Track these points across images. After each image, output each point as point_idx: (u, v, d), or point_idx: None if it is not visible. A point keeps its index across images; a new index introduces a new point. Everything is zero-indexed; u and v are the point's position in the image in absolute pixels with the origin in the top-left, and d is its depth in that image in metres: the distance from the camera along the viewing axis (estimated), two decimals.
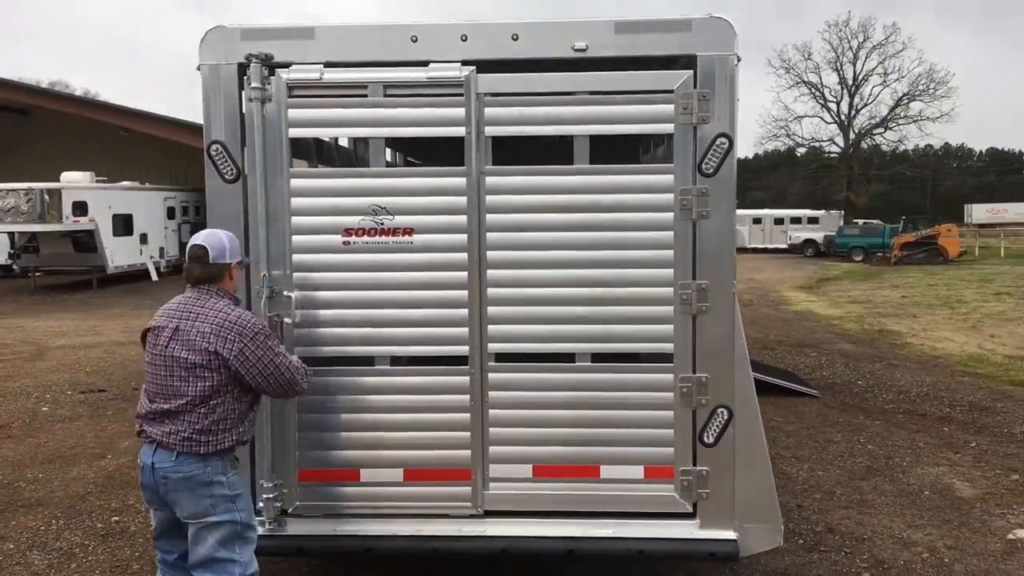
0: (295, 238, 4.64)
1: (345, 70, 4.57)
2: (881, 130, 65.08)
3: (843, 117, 65.41)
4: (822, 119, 66.12)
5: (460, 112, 4.55)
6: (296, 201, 4.63)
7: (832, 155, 67.76)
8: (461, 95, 4.53)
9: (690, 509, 4.66)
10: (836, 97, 65.38)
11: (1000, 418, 9.56)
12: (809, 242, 48.06)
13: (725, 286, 4.55)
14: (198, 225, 34.65)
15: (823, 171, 67.90)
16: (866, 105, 64.87)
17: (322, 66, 4.54)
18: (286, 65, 4.56)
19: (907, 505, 6.70)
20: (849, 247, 45.10)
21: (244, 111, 4.57)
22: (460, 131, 4.57)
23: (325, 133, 5.07)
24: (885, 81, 63.37)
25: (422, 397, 4.72)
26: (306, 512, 4.75)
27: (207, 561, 3.87)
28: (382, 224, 4.63)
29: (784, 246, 49.25)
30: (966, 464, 7.80)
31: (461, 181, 4.59)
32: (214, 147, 4.59)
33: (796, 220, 50.63)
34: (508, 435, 4.71)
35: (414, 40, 4.53)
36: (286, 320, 4.60)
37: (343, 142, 6.51)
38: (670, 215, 4.53)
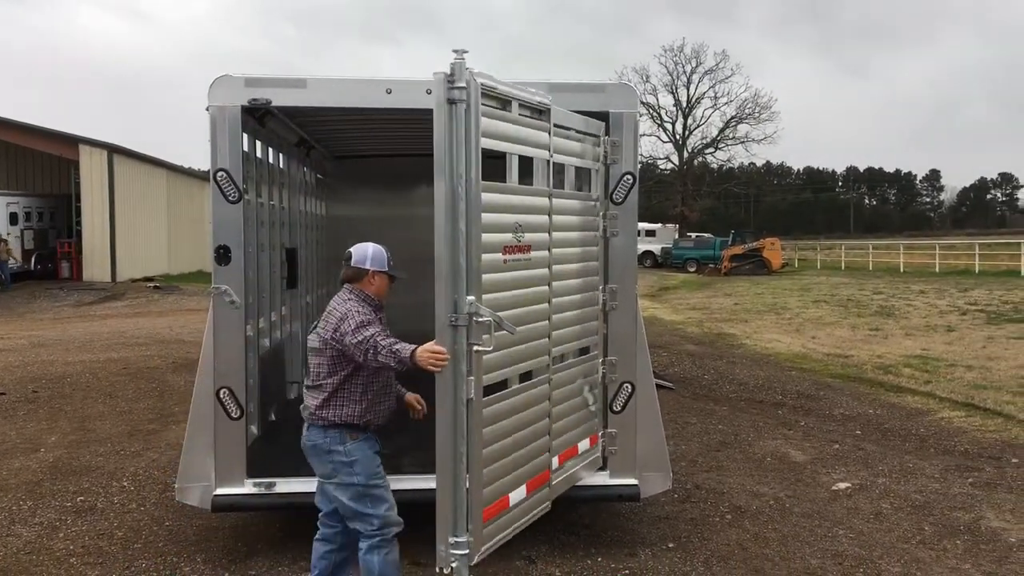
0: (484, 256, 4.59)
1: (502, 83, 4.78)
2: (712, 150, 69.72)
3: (678, 137, 69.60)
4: (659, 138, 70.15)
5: (546, 136, 5.19)
6: (486, 217, 4.59)
7: (666, 171, 71.84)
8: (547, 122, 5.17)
9: (601, 463, 5.96)
10: (672, 118, 69.54)
11: (823, 403, 11.43)
12: (647, 254, 50.95)
13: (630, 289, 5.90)
14: (40, 232, 33.79)
15: (659, 187, 71.82)
16: (698, 126, 69.37)
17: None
18: (289, 111, 5.52)
19: (754, 469, 8.25)
20: (684, 259, 48.29)
21: None
22: (545, 154, 5.19)
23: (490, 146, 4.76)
24: (716, 104, 68.10)
25: (545, 406, 5.27)
26: (487, 551, 4.75)
27: (349, 515, 4.60)
28: (519, 241, 4.99)
29: None
30: (798, 438, 9.50)
31: (545, 201, 5.28)
32: (220, 174, 5.53)
33: None
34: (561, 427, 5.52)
35: (388, 92, 5.62)
36: (476, 348, 4.49)
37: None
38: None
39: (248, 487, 5.69)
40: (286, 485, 5.72)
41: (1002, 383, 12.49)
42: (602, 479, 5.93)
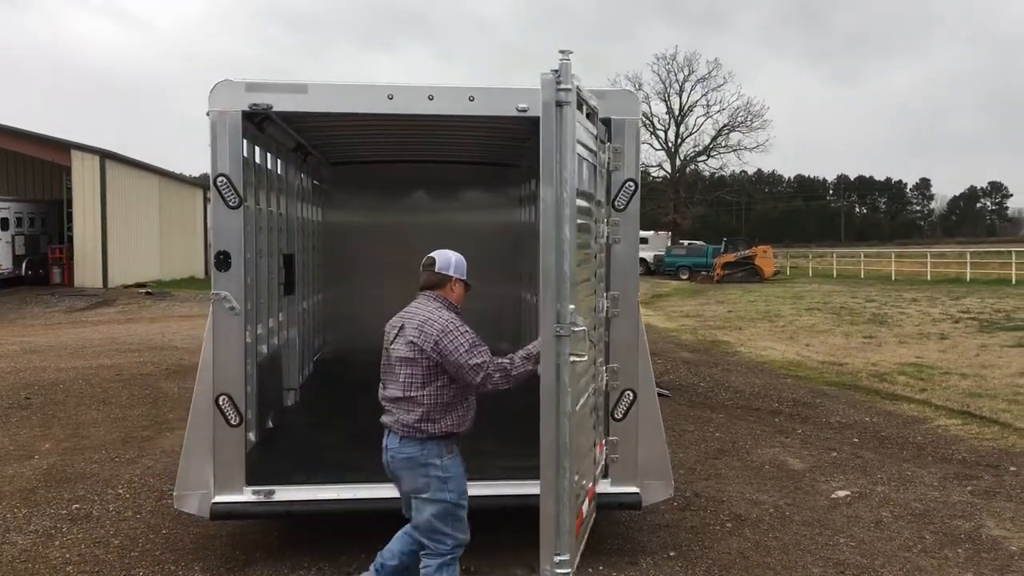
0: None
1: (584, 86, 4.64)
2: (704, 158, 69.90)
3: (670, 145, 69.78)
4: (651, 146, 70.18)
5: (593, 140, 5.18)
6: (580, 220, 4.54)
7: (659, 179, 71.92)
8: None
9: (604, 471, 5.92)
10: (664, 126, 69.69)
11: (819, 411, 11.42)
12: (640, 261, 50.75)
13: (631, 295, 5.87)
14: (32, 237, 33.59)
15: (651, 194, 71.90)
16: (691, 134, 69.56)
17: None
18: (289, 117, 5.51)
19: (753, 476, 8.23)
20: (676, 266, 48.31)
21: None
22: (592, 159, 5.21)
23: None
24: (708, 112, 68.33)
25: (593, 416, 5.33)
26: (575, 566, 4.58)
27: (425, 530, 4.52)
28: (588, 248, 5.01)
29: None
30: (795, 446, 9.48)
31: (593, 206, 5.27)
32: (220, 179, 5.50)
33: None
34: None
35: (390, 98, 5.61)
36: (574, 358, 4.34)
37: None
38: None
39: (247, 495, 5.64)
40: (285, 493, 5.68)
41: (997, 391, 12.50)
42: (603, 487, 5.89)
